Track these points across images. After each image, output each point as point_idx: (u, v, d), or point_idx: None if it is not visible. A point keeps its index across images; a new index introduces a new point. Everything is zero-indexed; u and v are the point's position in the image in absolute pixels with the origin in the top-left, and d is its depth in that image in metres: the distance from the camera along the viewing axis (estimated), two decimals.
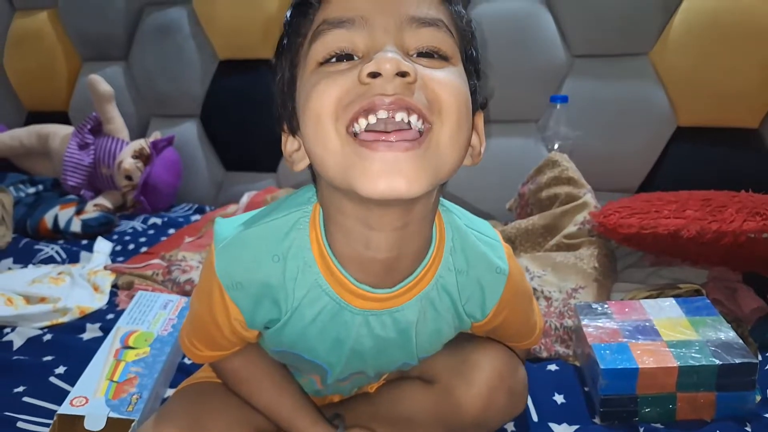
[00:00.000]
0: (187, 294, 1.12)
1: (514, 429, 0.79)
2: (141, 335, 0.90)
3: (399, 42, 0.47)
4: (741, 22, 1.34)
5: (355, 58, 0.47)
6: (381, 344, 0.58)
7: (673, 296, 0.98)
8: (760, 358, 0.90)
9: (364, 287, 0.54)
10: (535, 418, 0.81)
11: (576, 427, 0.79)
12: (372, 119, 0.44)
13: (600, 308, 0.93)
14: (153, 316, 0.96)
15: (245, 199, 1.56)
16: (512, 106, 1.55)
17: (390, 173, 0.43)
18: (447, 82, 0.46)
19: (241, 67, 1.77)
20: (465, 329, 0.64)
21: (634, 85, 1.45)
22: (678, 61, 1.41)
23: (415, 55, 0.47)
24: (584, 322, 0.90)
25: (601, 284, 1.09)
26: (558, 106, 1.40)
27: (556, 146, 1.38)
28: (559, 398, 0.86)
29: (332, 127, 0.45)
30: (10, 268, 1.29)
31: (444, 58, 0.48)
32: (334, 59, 0.47)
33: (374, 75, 0.44)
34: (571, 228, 1.21)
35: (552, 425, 0.80)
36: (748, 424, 0.77)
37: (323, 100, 0.45)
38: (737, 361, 0.79)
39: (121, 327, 0.92)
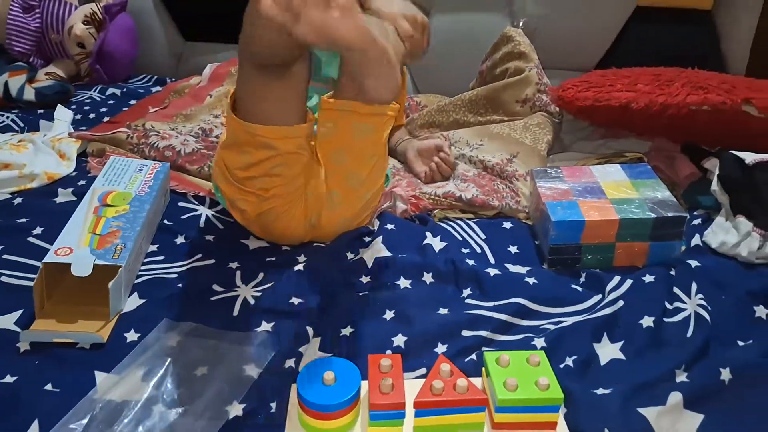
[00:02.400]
0: (166, 160, 1.12)
1: (474, 264, 0.89)
2: (119, 194, 0.93)
3: None
4: None
5: None
6: None
7: (619, 163, 1.07)
8: (688, 215, 1.02)
9: None
10: (492, 260, 0.91)
11: (528, 268, 0.90)
12: None
13: (554, 173, 1.02)
14: (129, 178, 0.97)
15: (208, 70, 1.53)
16: None
17: None
18: None
19: None
20: None
21: None
22: None
23: None
24: (539, 184, 0.99)
25: (533, 150, 1.17)
26: None
27: (521, 23, 1.39)
28: (513, 249, 0.96)
29: None
30: None
31: None
32: None
33: None
34: (515, 107, 1.26)
35: (507, 265, 0.91)
36: (673, 269, 0.90)
37: None
38: (670, 214, 0.90)
39: (97, 188, 0.94)
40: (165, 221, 1.00)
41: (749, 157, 0.98)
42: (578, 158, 1.19)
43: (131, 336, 0.76)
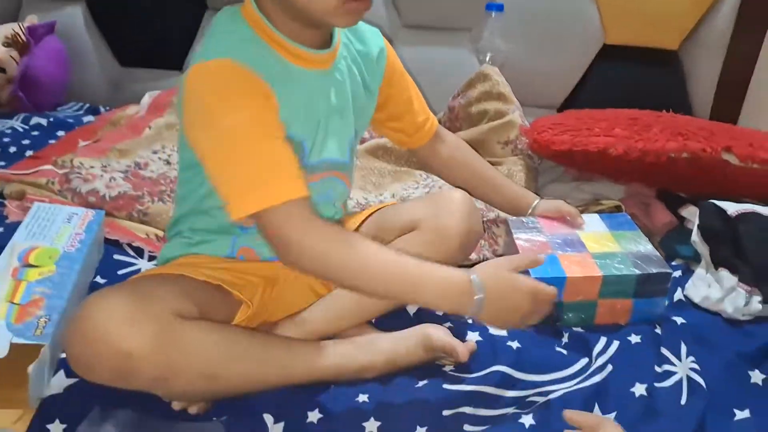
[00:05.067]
0: (91, 206, 1.01)
1: (451, 325, 0.84)
2: (44, 251, 0.80)
3: None
4: None
5: None
6: (332, 109, 0.76)
7: (596, 212, 1.04)
8: (672, 271, 0.99)
9: (308, 49, 0.73)
10: (470, 320, 0.85)
11: None
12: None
13: (530, 223, 0.97)
14: (56, 230, 0.85)
15: (147, 99, 1.47)
16: (445, 13, 1.54)
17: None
18: None
19: None
20: (374, 96, 0.85)
21: None
22: None
23: None
24: (516, 235, 0.93)
25: None
26: (493, 15, 1.40)
27: (488, 58, 1.39)
28: None
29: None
30: None
31: None
32: None
33: None
34: (496, 148, 1.26)
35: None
36: (658, 326, 0.86)
37: None
38: (654, 270, 0.86)
39: (17, 243, 0.81)
40: (98, 279, 0.89)
41: (731, 208, 0.96)
42: None
43: (55, 428, 0.67)
